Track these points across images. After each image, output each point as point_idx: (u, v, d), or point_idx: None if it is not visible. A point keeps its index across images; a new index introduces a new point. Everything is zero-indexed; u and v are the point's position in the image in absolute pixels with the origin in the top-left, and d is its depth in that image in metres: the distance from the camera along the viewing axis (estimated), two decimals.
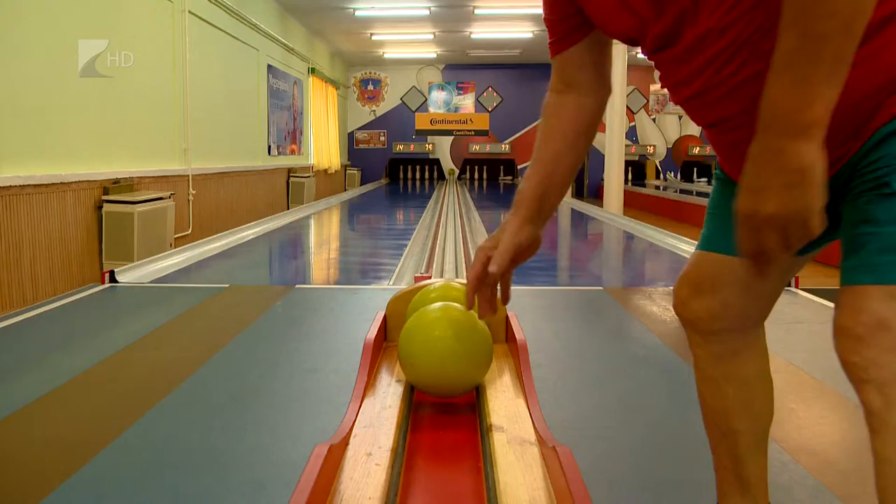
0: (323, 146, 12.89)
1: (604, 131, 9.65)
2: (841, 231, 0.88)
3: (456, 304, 1.29)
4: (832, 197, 0.83)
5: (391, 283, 4.28)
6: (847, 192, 0.88)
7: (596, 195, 12.00)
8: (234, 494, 1.54)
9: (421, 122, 17.32)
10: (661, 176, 17.20)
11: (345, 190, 14.83)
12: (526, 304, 3.36)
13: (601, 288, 3.98)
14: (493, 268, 1.05)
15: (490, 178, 17.22)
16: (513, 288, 1.14)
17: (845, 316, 0.80)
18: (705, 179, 15.23)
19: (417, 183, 16.80)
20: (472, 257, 1.22)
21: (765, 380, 1.13)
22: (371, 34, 12.89)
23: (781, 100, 0.73)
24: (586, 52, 1.08)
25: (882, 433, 0.76)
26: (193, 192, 6.52)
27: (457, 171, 17.28)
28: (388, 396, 1.17)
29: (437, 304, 1.30)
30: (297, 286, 3.90)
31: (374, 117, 17.28)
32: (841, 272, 0.84)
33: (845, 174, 0.88)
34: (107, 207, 4.77)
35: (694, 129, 16.70)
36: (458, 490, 0.92)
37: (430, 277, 3.40)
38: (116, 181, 5.03)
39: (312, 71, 12.22)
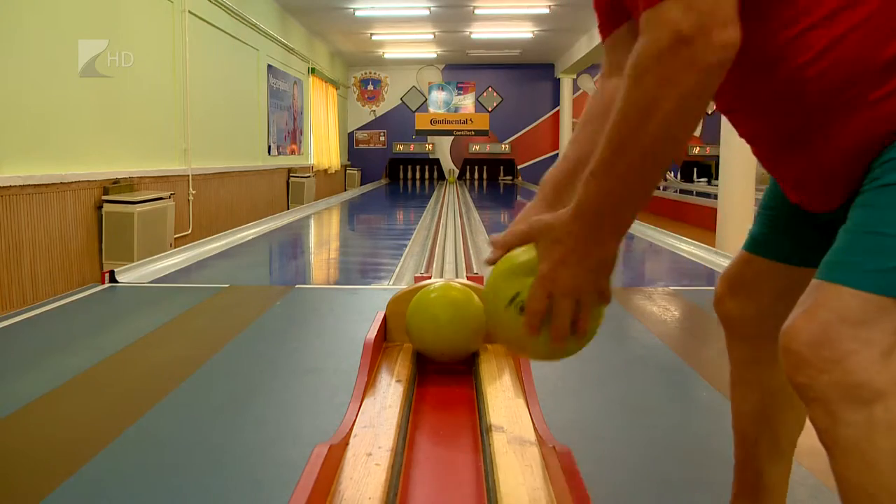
0: (323, 146, 12.89)
1: None
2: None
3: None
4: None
5: (391, 283, 4.27)
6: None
7: None
8: (234, 494, 1.54)
9: (421, 122, 17.32)
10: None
11: (345, 190, 14.82)
12: None
13: None
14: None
15: (490, 179, 17.21)
16: None
17: (793, 329, 0.76)
18: (705, 179, 15.22)
19: (417, 183, 16.80)
20: (472, 257, 1.18)
21: (792, 392, 1.11)
22: (371, 34, 12.88)
23: (603, 201, 0.79)
24: (633, 33, 1.06)
25: (834, 452, 0.74)
26: (193, 192, 6.52)
27: (456, 173, 17.27)
28: (388, 396, 1.17)
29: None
30: (297, 286, 3.90)
31: (374, 117, 17.27)
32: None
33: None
34: (107, 207, 4.77)
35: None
36: (458, 490, 0.92)
37: (430, 277, 3.39)
38: (116, 181, 5.03)
39: (312, 71, 12.21)
